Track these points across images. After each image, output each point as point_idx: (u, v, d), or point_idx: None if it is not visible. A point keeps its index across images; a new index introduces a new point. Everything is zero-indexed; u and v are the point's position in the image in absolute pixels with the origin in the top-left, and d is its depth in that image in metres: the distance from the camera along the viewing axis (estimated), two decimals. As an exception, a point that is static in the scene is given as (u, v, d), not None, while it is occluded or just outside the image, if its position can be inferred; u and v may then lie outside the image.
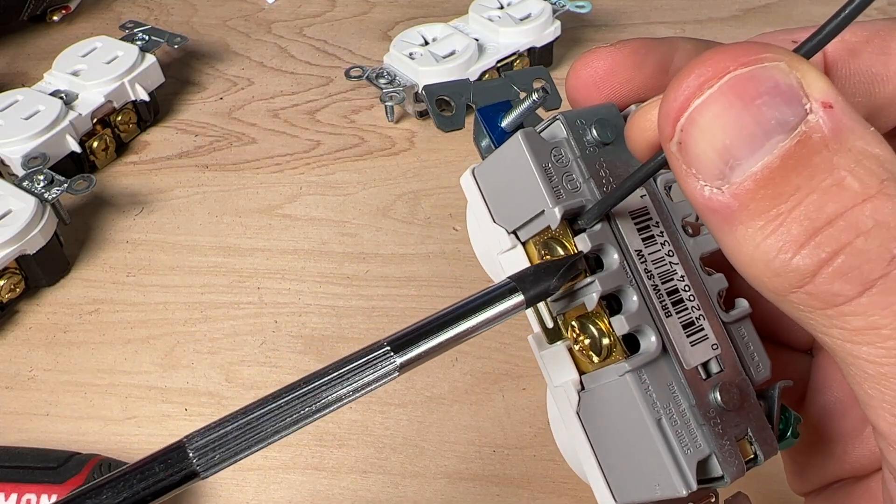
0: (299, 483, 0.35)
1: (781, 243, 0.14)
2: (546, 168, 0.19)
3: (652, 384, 0.19)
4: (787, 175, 0.14)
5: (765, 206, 0.14)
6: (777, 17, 0.61)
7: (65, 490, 0.30)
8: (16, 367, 0.40)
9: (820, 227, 0.13)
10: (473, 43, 0.50)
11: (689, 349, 0.19)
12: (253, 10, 0.65)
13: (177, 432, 0.36)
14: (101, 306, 0.42)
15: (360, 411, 0.37)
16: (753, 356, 0.20)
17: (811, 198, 0.14)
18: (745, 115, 0.14)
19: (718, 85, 0.14)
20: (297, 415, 0.17)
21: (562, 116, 0.19)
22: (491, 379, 0.38)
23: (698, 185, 0.15)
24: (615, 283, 0.19)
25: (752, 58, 0.14)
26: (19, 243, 0.40)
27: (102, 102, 0.49)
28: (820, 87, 0.14)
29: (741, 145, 0.14)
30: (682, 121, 0.15)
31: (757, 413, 0.19)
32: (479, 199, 0.21)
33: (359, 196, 0.48)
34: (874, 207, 0.13)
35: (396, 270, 0.43)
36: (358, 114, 0.54)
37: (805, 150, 0.14)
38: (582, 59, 0.21)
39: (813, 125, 0.14)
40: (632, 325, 0.19)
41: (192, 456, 0.16)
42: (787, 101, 0.14)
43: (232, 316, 0.41)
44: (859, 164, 0.13)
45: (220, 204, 0.48)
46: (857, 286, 0.13)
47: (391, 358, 0.17)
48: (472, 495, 0.34)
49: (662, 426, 0.18)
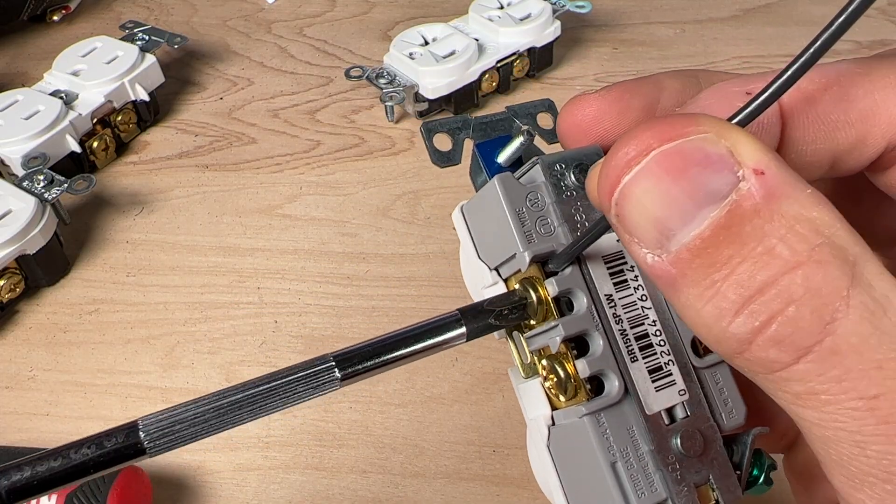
0: (299, 483, 0.35)
1: (718, 311, 0.14)
2: (520, 212, 0.20)
3: (610, 427, 0.19)
4: (719, 245, 0.14)
5: (701, 275, 0.14)
6: (777, 17, 0.61)
7: (65, 490, 0.30)
8: (16, 367, 0.40)
9: (752, 295, 0.14)
10: (473, 43, 0.50)
11: (654, 394, 0.19)
12: (253, 10, 0.65)
13: (177, 432, 0.37)
14: (101, 306, 0.42)
15: (360, 411, 0.37)
16: (727, 402, 0.20)
17: (743, 266, 0.14)
18: (674, 188, 0.14)
19: (645, 161, 0.15)
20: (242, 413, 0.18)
21: (541, 161, 0.20)
22: (491, 379, 0.38)
23: (641, 252, 0.15)
24: (580, 327, 0.19)
25: (677, 132, 0.14)
26: (19, 243, 0.40)
27: (102, 102, 0.49)
28: (751, 154, 0.14)
29: (673, 217, 0.14)
30: (615, 195, 0.15)
31: (721, 460, 0.19)
32: (466, 235, 0.22)
33: (359, 196, 0.48)
34: (805, 275, 0.13)
35: (396, 270, 0.43)
36: (358, 114, 0.54)
37: (736, 219, 0.14)
38: (568, 105, 0.21)
39: (744, 193, 0.14)
40: (594, 370, 0.19)
41: (144, 436, 0.17)
42: (718, 171, 0.14)
43: (232, 316, 0.41)
44: (791, 231, 0.14)
45: (220, 204, 0.48)
46: (791, 353, 0.14)
47: (334, 372, 0.19)
48: (472, 495, 0.34)
49: (617, 469, 0.19)
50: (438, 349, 0.19)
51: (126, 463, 0.17)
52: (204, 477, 0.35)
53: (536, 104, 0.25)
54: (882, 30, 0.59)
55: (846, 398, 0.13)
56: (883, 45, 0.57)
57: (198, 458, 0.36)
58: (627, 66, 0.56)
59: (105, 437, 0.17)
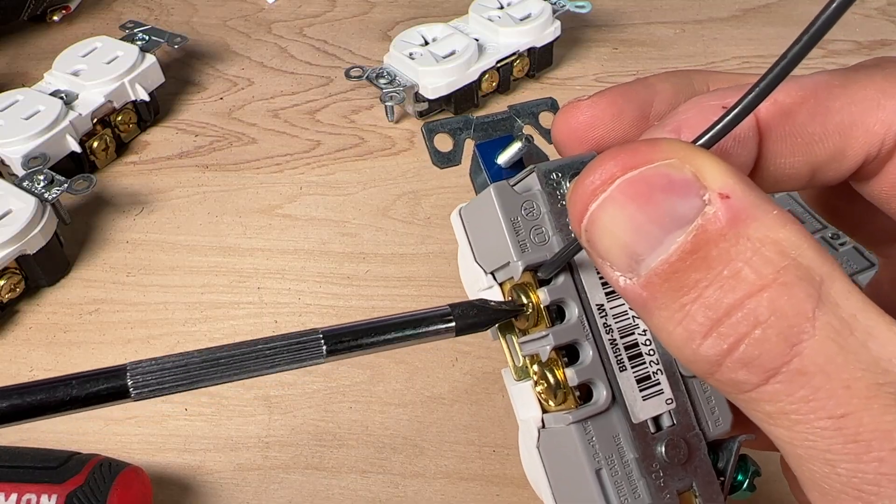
0: (299, 483, 0.35)
1: (687, 333, 0.14)
2: (514, 221, 0.20)
3: (596, 435, 0.19)
4: (687, 269, 0.14)
5: (670, 298, 0.14)
6: (777, 17, 0.61)
7: (65, 490, 0.30)
8: (16, 367, 0.40)
9: (719, 318, 0.14)
10: (473, 43, 0.50)
11: (641, 403, 0.20)
12: (253, 10, 0.65)
13: (177, 432, 0.37)
14: (102, 306, 0.42)
15: (360, 411, 0.37)
16: (714, 410, 0.21)
17: (709, 290, 0.14)
18: (640, 214, 0.15)
19: (610, 189, 0.15)
20: (228, 371, 0.18)
21: (537, 169, 0.20)
22: (491, 379, 0.38)
23: (614, 275, 0.15)
24: (570, 336, 0.20)
25: (641, 159, 0.15)
26: (19, 243, 0.40)
27: (102, 102, 0.49)
28: (717, 178, 0.14)
29: (640, 243, 0.15)
30: (584, 222, 0.15)
31: (705, 468, 0.20)
32: (464, 238, 0.22)
33: (359, 196, 0.48)
34: (770, 297, 0.14)
35: (396, 270, 0.43)
36: (358, 114, 0.54)
37: (702, 243, 0.14)
38: (562, 113, 0.21)
39: (710, 217, 0.14)
40: (582, 378, 0.19)
41: (130, 378, 0.18)
42: (684, 196, 0.14)
43: (232, 316, 0.42)
44: (757, 253, 0.14)
45: (220, 204, 0.48)
46: (760, 375, 0.14)
47: (321, 346, 0.19)
48: (472, 495, 0.34)
49: (601, 476, 0.19)
50: (426, 339, 0.20)
51: (110, 403, 0.18)
52: (204, 477, 0.35)
53: (539, 103, 0.25)
54: (882, 30, 0.59)
55: (815, 418, 0.14)
56: (883, 45, 0.57)
57: (198, 458, 0.36)
58: (627, 66, 0.56)
59: (93, 377, 0.18)
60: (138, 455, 0.36)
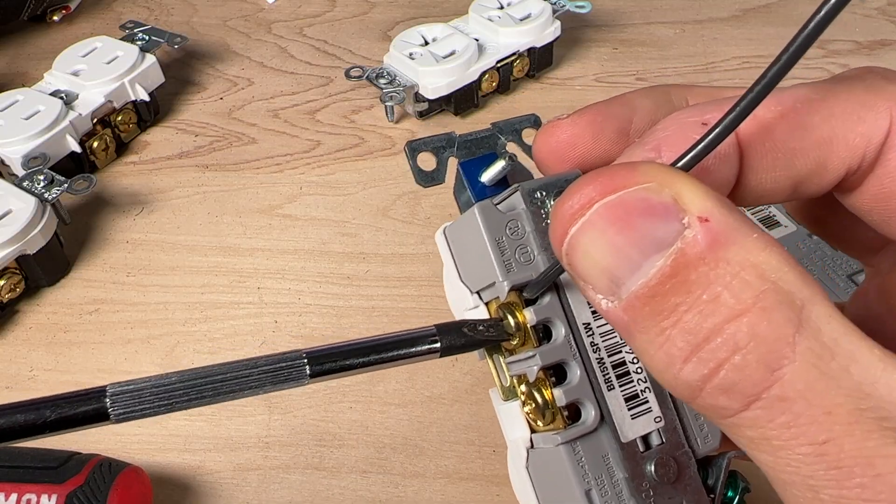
0: (299, 483, 0.35)
1: (668, 357, 0.14)
2: (499, 241, 0.20)
3: (585, 455, 0.19)
4: (666, 293, 0.14)
5: (651, 322, 0.14)
6: (777, 17, 0.61)
7: (65, 490, 0.30)
8: (16, 367, 0.40)
9: (699, 343, 0.14)
10: (473, 43, 0.50)
11: (629, 422, 0.20)
12: (253, 10, 0.65)
13: (177, 432, 0.37)
14: (101, 306, 0.42)
15: (359, 411, 0.37)
16: (703, 427, 0.20)
17: (689, 315, 0.14)
18: (619, 238, 0.14)
19: (589, 214, 0.15)
20: (208, 394, 0.18)
21: (521, 188, 0.20)
22: (491, 379, 0.38)
23: (597, 298, 0.15)
24: (557, 356, 0.19)
25: (619, 183, 0.15)
26: (19, 243, 0.40)
27: (102, 102, 0.49)
28: (696, 201, 0.14)
29: (620, 266, 0.15)
30: (564, 246, 0.15)
31: (695, 486, 0.20)
32: (449, 257, 0.22)
33: (359, 196, 0.48)
34: (750, 322, 0.13)
35: (396, 270, 0.43)
36: (358, 114, 0.54)
37: (681, 267, 0.14)
38: (542, 132, 0.21)
39: (689, 241, 0.14)
40: (570, 398, 0.19)
41: (109, 402, 0.18)
42: (663, 219, 0.14)
43: (232, 316, 0.42)
44: (736, 277, 0.14)
45: (220, 204, 0.48)
46: (740, 401, 0.14)
47: (304, 368, 0.18)
48: (472, 495, 0.34)
49: (591, 496, 0.19)
50: (410, 360, 0.20)
51: (90, 426, 0.18)
52: (204, 477, 0.35)
53: (522, 120, 0.24)
54: (882, 30, 0.59)
55: (796, 444, 0.13)
56: (883, 45, 0.57)
57: (198, 458, 0.36)
58: (627, 66, 0.56)
59: (74, 399, 0.18)
60: (138, 455, 0.36)
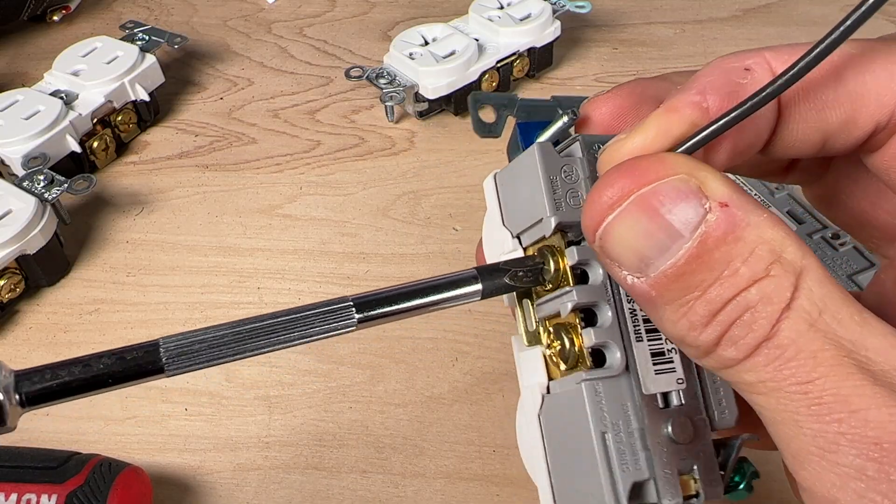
0: (299, 483, 0.35)
1: (689, 325, 0.17)
2: (553, 180, 0.20)
3: (606, 399, 0.19)
4: (693, 270, 0.16)
5: (676, 296, 0.17)
6: (777, 17, 0.61)
7: (65, 490, 0.30)
8: (16, 367, 0.40)
9: (718, 309, 0.16)
10: (473, 43, 0.50)
11: (653, 376, 0.20)
12: (253, 10, 0.65)
13: (177, 432, 0.37)
14: (101, 306, 0.42)
15: (360, 411, 0.37)
16: (721, 402, 0.21)
17: (713, 288, 0.16)
18: (652, 225, 0.17)
19: (626, 203, 0.17)
20: (259, 341, 0.19)
21: (581, 138, 0.21)
22: (491, 379, 0.38)
23: (622, 274, 0.17)
24: (592, 297, 0.20)
25: (652, 176, 0.17)
26: (19, 243, 0.40)
27: (102, 102, 0.49)
28: (717, 189, 0.17)
29: (651, 248, 0.17)
30: (599, 231, 0.17)
31: (708, 453, 0.20)
32: (494, 202, 0.23)
33: (359, 196, 0.48)
34: (759, 287, 0.16)
35: (396, 270, 0.43)
36: (358, 114, 0.54)
37: (706, 247, 0.16)
38: (588, 105, 0.22)
39: (712, 223, 0.16)
40: (599, 340, 0.20)
41: (163, 353, 0.18)
42: (690, 205, 0.16)
43: (232, 316, 0.41)
44: (752, 254, 0.16)
45: (220, 204, 0.48)
46: (744, 351, 0.16)
47: (352, 313, 0.19)
48: (472, 495, 0.34)
49: (606, 439, 0.19)
50: (453, 303, 0.20)
51: (144, 379, 0.18)
52: (204, 477, 0.35)
53: (581, 99, 0.25)
54: (882, 30, 0.59)
55: (786, 384, 0.16)
56: (883, 45, 0.57)
57: (198, 458, 0.36)
58: (627, 66, 0.56)
59: (126, 352, 0.18)
60: (138, 455, 0.36)
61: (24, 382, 0.18)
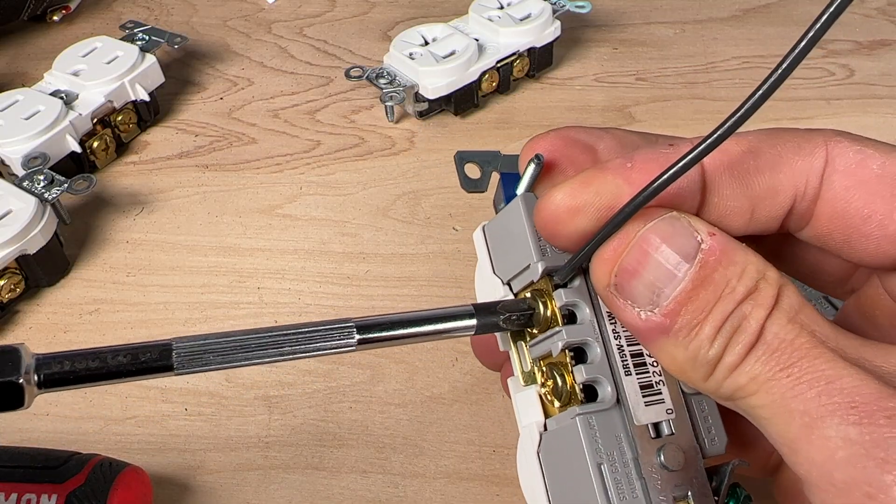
0: (299, 483, 0.35)
1: (700, 342, 0.19)
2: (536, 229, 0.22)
3: (600, 431, 0.20)
4: (698, 292, 0.19)
5: (687, 319, 0.19)
6: (777, 17, 0.61)
7: (65, 490, 0.30)
8: (16, 367, 0.40)
9: (721, 324, 0.18)
10: (473, 43, 0.50)
11: (643, 408, 0.21)
12: (253, 10, 0.65)
13: (177, 432, 0.37)
14: (102, 306, 0.42)
15: (360, 411, 0.37)
16: (710, 429, 0.22)
17: (717, 306, 0.18)
18: (659, 255, 0.19)
19: (634, 241, 0.19)
20: (265, 351, 0.20)
21: None
22: (491, 379, 0.38)
23: (635, 313, 0.19)
24: (581, 335, 0.21)
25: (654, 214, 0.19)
26: (19, 243, 0.40)
27: (102, 102, 0.49)
28: (702, 224, 0.19)
29: (661, 278, 0.19)
30: (614, 269, 0.20)
31: (701, 480, 0.21)
32: (484, 252, 0.24)
33: (359, 196, 0.48)
34: (752, 299, 0.18)
35: (396, 270, 0.43)
36: (358, 114, 0.54)
37: (706, 270, 0.19)
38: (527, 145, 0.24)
39: (707, 249, 0.19)
40: (589, 375, 0.21)
41: (175, 356, 0.19)
42: (685, 237, 0.19)
43: (232, 316, 0.42)
44: (744, 272, 0.19)
45: (220, 204, 0.48)
46: (741, 353, 0.18)
47: (352, 334, 0.21)
48: (472, 495, 0.34)
49: (602, 471, 0.20)
50: (448, 335, 0.22)
51: (152, 376, 0.19)
52: (204, 477, 0.35)
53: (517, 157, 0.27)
54: (882, 30, 0.59)
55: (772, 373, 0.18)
56: (883, 45, 0.57)
57: (198, 458, 0.36)
58: (627, 66, 0.56)
59: (140, 350, 0.19)
60: (138, 455, 0.36)
61: (44, 366, 0.19)
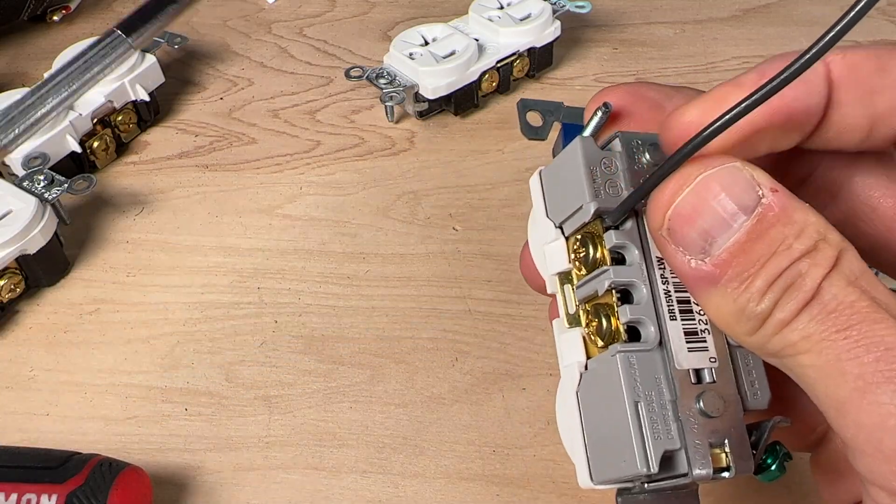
0: (299, 483, 0.35)
1: (750, 296, 0.18)
2: (593, 171, 0.22)
3: (640, 370, 0.20)
4: (753, 246, 0.18)
5: (738, 271, 0.18)
6: (777, 17, 0.61)
7: (65, 490, 0.30)
8: (16, 367, 0.40)
9: (774, 279, 0.18)
10: (473, 43, 0.50)
11: (685, 353, 0.21)
12: (253, 10, 0.65)
13: (177, 432, 0.37)
14: (102, 306, 0.42)
15: (360, 411, 0.37)
16: (754, 383, 0.21)
17: (770, 261, 0.18)
18: (716, 203, 0.19)
19: (692, 185, 0.19)
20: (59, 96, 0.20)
21: (621, 134, 0.22)
22: (491, 379, 0.38)
23: (685, 259, 0.19)
24: (629, 276, 0.21)
25: (714, 162, 0.19)
26: (19, 243, 0.40)
27: (102, 102, 0.49)
28: (765, 178, 0.19)
29: (715, 227, 0.18)
30: (668, 212, 0.19)
31: (739, 429, 0.20)
32: (539, 195, 0.24)
33: (359, 196, 0.48)
34: (810, 258, 0.18)
35: (396, 270, 0.43)
36: (358, 114, 0.54)
37: (763, 225, 0.18)
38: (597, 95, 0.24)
39: (766, 205, 0.18)
40: (634, 316, 0.21)
41: None
42: (745, 190, 0.18)
43: (232, 316, 0.42)
44: (803, 232, 0.18)
45: (220, 204, 0.48)
46: (794, 310, 0.18)
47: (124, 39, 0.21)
48: (472, 495, 0.34)
49: (639, 408, 0.20)
50: None
51: None
52: (204, 477, 0.35)
53: None
54: (882, 30, 0.59)
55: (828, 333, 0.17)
56: (883, 45, 0.57)
57: (198, 459, 0.36)
58: (627, 66, 0.56)
59: None
60: (138, 455, 0.36)
61: None
